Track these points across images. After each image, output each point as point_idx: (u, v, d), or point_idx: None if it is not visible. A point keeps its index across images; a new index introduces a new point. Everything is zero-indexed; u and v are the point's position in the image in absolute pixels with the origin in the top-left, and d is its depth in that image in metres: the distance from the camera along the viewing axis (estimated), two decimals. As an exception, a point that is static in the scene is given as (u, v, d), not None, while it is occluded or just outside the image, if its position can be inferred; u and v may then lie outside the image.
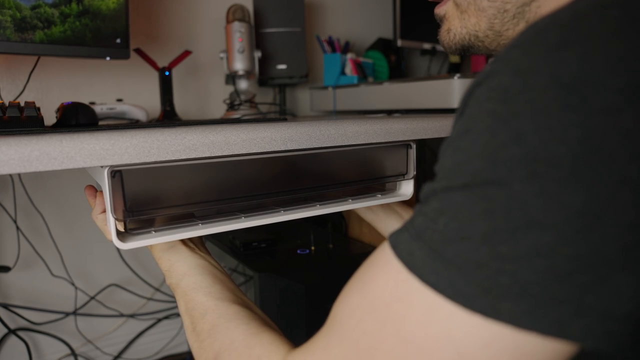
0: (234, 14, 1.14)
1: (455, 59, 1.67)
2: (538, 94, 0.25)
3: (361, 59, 1.39)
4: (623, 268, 0.24)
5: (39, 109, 0.64)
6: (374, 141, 0.63)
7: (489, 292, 0.25)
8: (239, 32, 1.13)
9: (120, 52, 0.97)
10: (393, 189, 0.73)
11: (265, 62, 1.28)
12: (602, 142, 0.24)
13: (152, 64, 1.12)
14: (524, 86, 0.26)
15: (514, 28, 0.40)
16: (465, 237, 0.26)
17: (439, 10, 0.47)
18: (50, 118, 0.85)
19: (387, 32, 1.62)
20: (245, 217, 0.57)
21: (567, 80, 0.25)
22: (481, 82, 0.29)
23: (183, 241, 0.57)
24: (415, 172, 0.71)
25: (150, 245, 0.55)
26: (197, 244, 0.59)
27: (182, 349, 1.36)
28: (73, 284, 1.18)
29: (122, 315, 1.26)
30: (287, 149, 0.55)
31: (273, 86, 1.39)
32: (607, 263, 0.24)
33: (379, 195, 0.70)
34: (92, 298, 1.20)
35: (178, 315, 1.33)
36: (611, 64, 0.24)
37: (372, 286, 0.31)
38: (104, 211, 0.55)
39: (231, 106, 1.18)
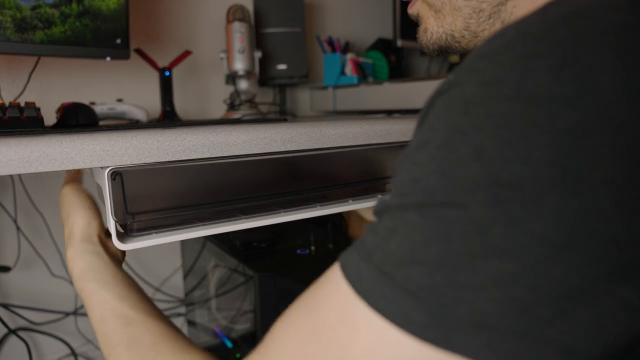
0: (234, 14, 1.14)
1: (455, 58, 1.66)
2: (502, 107, 0.23)
3: (361, 59, 1.39)
4: (585, 301, 0.22)
5: (39, 109, 0.64)
6: (374, 142, 0.63)
7: (442, 322, 0.23)
8: (239, 32, 1.12)
9: (121, 52, 0.97)
10: (393, 190, 0.73)
11: (265, 62, 1.28)
12: (569, 166, 0.22)
13: (152, 64, 1.12)
14: (487, 98, 0.24)
15: (489, 29, 0.39)
16: (419, 260, 0.24)
17: (411, 10, 0.45)
18: (50, 118, 0.84)
19: (387, 32, 1.62)
20: (245, 217, 0.57)
21: (534, 94, 0.23)
22: (443, 91, 0.27)
23: (106, 250, 0.54)
24: (415, 173, 0.71)
25: (68, 244, 0.53)
26: (117, 262, 0.55)
27: (182, 348, 1.36)
28: (73, 284, 1.18)
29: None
30: (287, 150, 0.55)
31: (273, 86, 1.39)
32: (569, 295, 0.22)
33: (380, 196, 0.70)
34: (92, 298, 1.20)
35: (179, 315, 1.33)
36: (580, 79, 0.23)
37: (319, 308, 0.29)
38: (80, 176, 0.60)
39: (231, 106, 1.18)
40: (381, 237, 0.27)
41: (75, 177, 0.62)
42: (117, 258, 0.55)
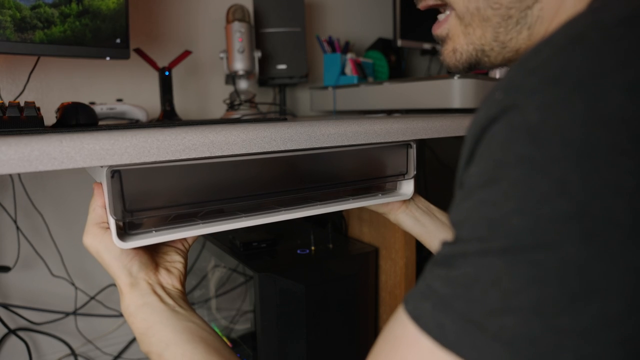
0: (234, 14, 1.14)
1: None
2: (578, 133, 0.21)
3: (361, 59, 1.39)
4: None
5: (39, 109, 0.64)
6: (374, 141, 0.63)
7: None
8: (239, 32, 1.13)
9: (120, 52, 0.97)
10: (394, 189, 0.73)
11: (265, 62, 1.28)
12: None
13: (152, 64, 1.12)
14: (559, 125, 0.22)
15: (517, 37, 0.38)
16: (512, 308, 0.22)
17: (440, 31, 0.44)
18: (50, 118, 0.84)
19: (387, 32, 1.62)
20: (245, 216, 0.57)
21: (611, 116, 0.21)
22: (496, 117, 0.24)
23: (159, 295, 0.49)
24: (415, 172, 0.71)
25: (121, 301, 0.49)
26: (175, 297, 0.50)
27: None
28: (73, 284, 1.18)
29: (122, 315, 1.25)
30: (287, 149, 0.55)
31: (273, 86, 1.39)
32: None
33: (380, 195, 0.70)
34: (92, 298, 1.20)
35: (178, 315, 1.33)
36: None
37: None
38: (104, 206, 0.50)
39: (231, 106, 1.18)
40: (460, 284, 0.25)
41: (96, 214, 0.51)
42: (177, 294, 0.51)
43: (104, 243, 0.49)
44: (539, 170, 0.22)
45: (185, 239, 0.58)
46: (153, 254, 0.54)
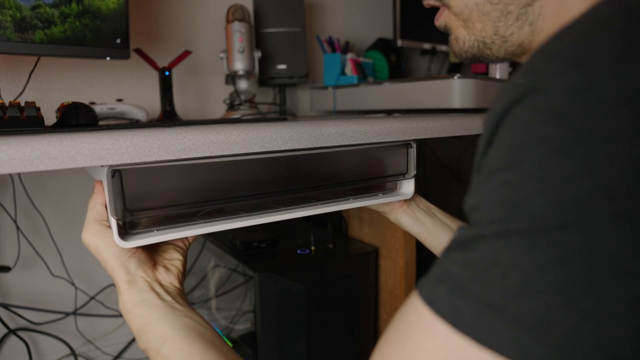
0: (234, 14, 1.14)
1: (455, 59, 1.67)
2: (605, 116, 0.21)
3: (361, 59, 1.39)
4: None
5: (39, 108, 0.64)
6: (374, 141, 0.63)
7: (568, 354, 0.21)
8: (239, 32, 1.13)
9: (120, 52, 0.97)
10: (394, 188, 0.73)
11: (265, 62, 1.28)
12: None
13: (152, 64, 1.12)
14: (585, 107, 0.22)
15: (518, 32, 0.38)
16: (533, 290, 0.22)
17: (438, 22, 0.45)
18: (50, 118, 0.84)
19: (387, 32, 1.62)
20: (246, 215, 0.57)
21: (638, 100, 0.21)
22: (519, 99, 0.24)
23: (156, 292, 0.49)
24: (415, 172, 0.71)
25: (119, 299, 0.49)
26: (172, 294, 0.50)
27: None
28: (73, 284, 1.18)
29: (122, 315, 1.25)
30: (287, 148, 0.55)
31: (273, 86, 1.39)
32: None
33: (380, 195, 0.70)
34: (92, 298, 1.20)
35: (178, 315, 1.33)
36: None
37: (414, 355, 0.26)
38: (104, 203, 0.50)
39: (231, 106, 1.18)
40: (478, 268, 0.24)
41: (96, 210, 0.51)
42: (174, 291, 0.51)
43: (103, 240, 0.49)
44: (564, 151, 0.22)
45: (186, 237, 0.58)
46: (152, 252, 0.54)
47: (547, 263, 0.22)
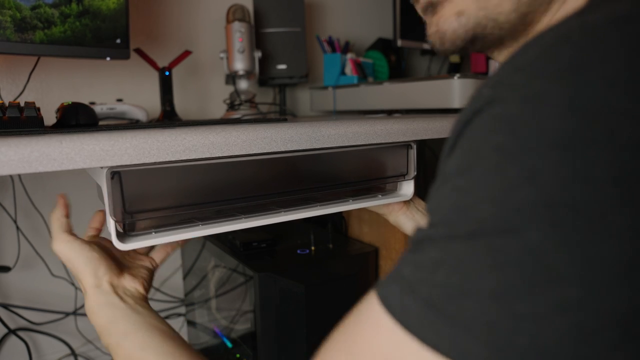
0: (234, 14, 1.14)
1: (455, 58, 1.66)
2: (554, 124, 0.22)
3: (361, 59, 1.39)
4: None
5: (39, 109, 0.64)
6: (374, 142, 0.63)
7: (502, 353, 0.22)
8: (239, 32, 1.12)
9: (120, 52, 0.97)
10: (394, 190, 0.73)
11: (265, 62, 1.28)
12: (634, 183, 0.21)
13: (152, 64, 1.12)
14: (536, 115, 0.22)
15: (541, 16, 0.34)
16: (471, 292, 0.23)
17: None
18: (50, 118, 0.84)
19: (387, 32, 1.62)
20: (245, 217, 0.57)
21: (589, 109, 0.21)
22: (480, 109, 0.25)
23: (120, 295, 0.53)
24: (415, 173, 0.71)
25: (85, 301, 0.53)
26: (135, 298, 0.54)
27: (182, 349, 1.36)
28: (73, 284, 1.18)
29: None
30: (287, 149, 0.55)
31: (273, 86, 1.39)
32: (637, 316, 0.21)
33: (380, 196, 0.70)
34: (92, 298, 1.20)
35: (178, 315, 1.33)
36: (639, 90, 0.21)
37: (361, 347, 0.27)
38: (67, 215, 0.56)
39: (231, 106, 1.18)
40: (426, 269, 0.25)
41: (61, 222, 0.57)
42: (138, 295, 0.55)
43: (74, 249, 0.54)
44: (512, 158, 0.23)
45: (153, 259, 0.64)
46: (121, 261, 0.59)
47: (486, 266, 0.23)
